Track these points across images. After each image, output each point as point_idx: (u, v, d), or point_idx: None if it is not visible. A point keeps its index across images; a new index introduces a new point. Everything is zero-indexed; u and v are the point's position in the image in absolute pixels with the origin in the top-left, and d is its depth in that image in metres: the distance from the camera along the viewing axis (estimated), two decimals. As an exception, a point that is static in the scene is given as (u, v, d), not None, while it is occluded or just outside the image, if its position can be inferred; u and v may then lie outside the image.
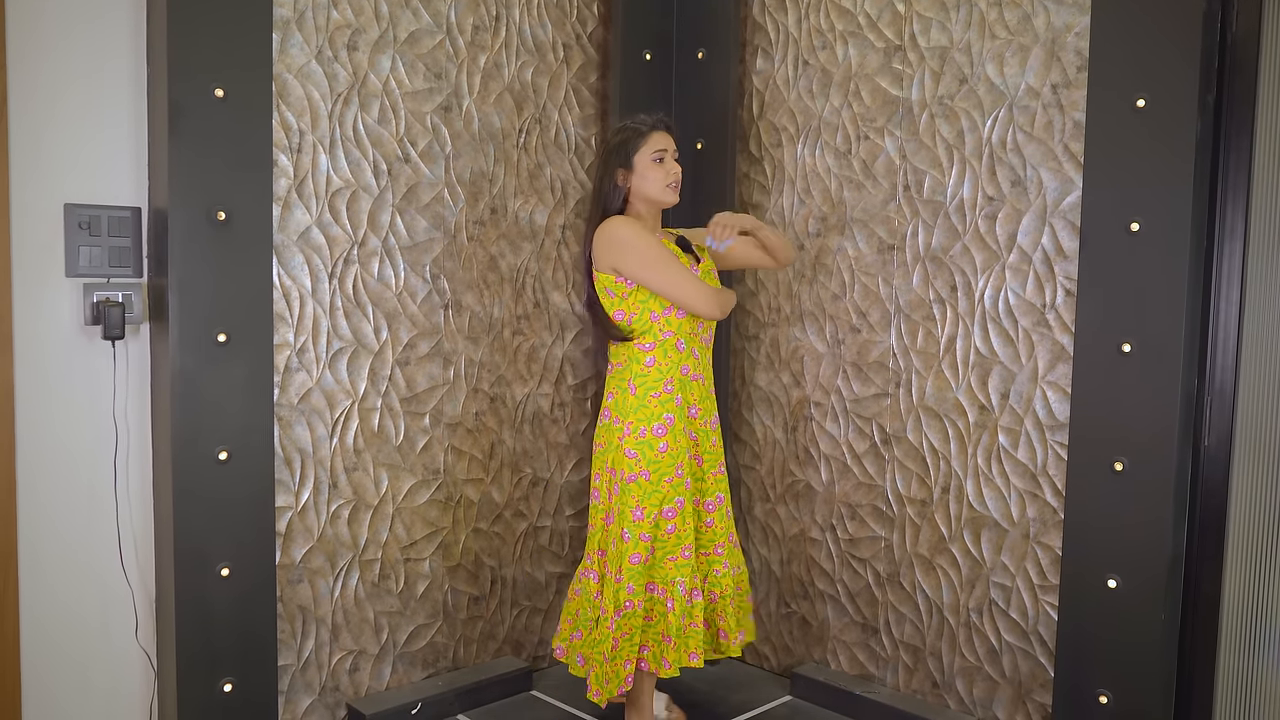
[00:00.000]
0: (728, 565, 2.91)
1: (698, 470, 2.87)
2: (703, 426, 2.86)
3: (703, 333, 2.85)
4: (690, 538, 2.80)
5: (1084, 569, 2.67)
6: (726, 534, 2.91)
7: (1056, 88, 2.73)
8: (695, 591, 2.80)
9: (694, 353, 2.82)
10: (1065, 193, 2.73)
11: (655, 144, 2.78)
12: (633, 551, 2.75)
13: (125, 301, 2.59)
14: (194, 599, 2.63)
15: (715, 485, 2.90)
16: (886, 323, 3.12)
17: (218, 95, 2.59)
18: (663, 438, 2.75)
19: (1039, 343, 2.80)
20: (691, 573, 2.80)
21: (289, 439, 2.86)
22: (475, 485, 3.29)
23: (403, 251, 3.05)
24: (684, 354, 2.79)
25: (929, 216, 3.01)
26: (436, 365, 3.15)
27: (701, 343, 2.85)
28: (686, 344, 2.79)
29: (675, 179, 2.79)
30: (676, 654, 2.78)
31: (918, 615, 3.11)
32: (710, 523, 2.90)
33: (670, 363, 2.78)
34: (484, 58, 3.19)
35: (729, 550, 2.92)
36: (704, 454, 2.87)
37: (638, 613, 2.77)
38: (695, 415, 2.84)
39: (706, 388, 2.87)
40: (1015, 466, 2.86)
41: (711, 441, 2.88)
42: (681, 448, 2.78)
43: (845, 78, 3.18)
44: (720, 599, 2.92)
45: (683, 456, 2.78)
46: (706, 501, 2.89)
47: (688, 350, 2.80)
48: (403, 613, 3.15)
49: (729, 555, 2.92)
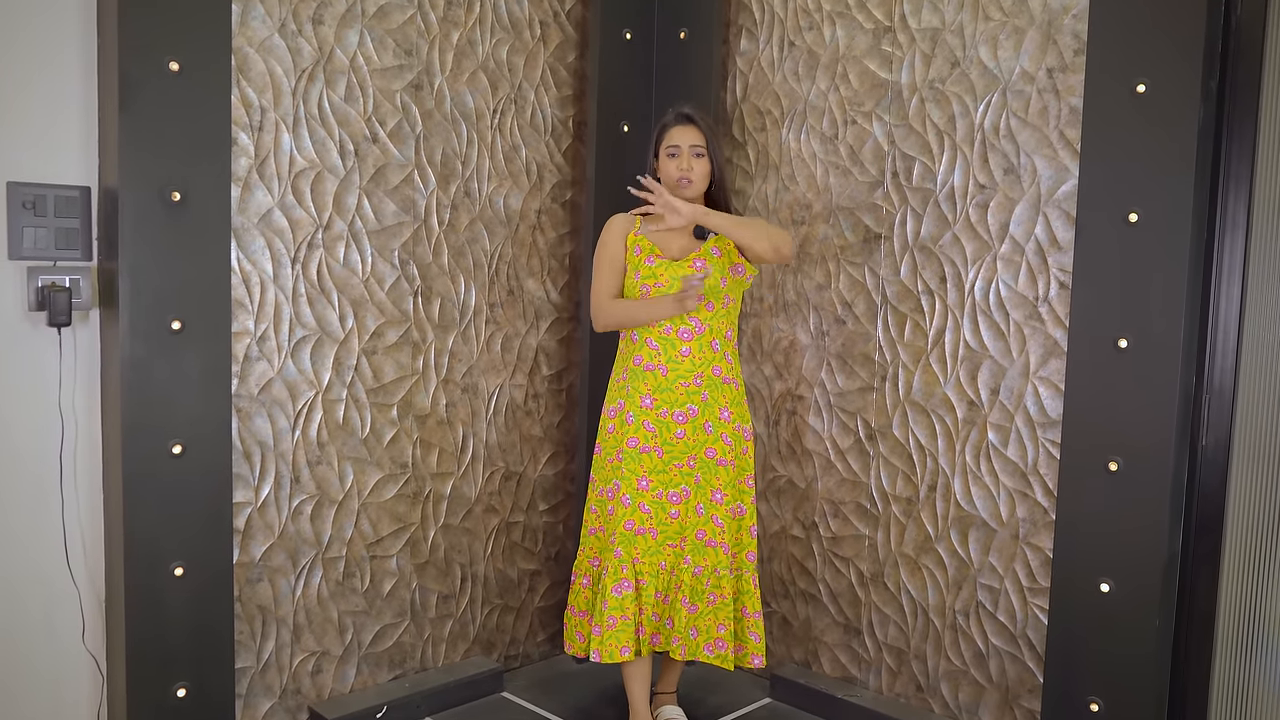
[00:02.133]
0: (689, 562, 2.77)
1: (654, 462, 2.77)
2: (661, 418, 2.76)
3: (671, 324, 2.75)
4: (618, 524, 2.77)
5: (1075, 572, 2.58)
6: (695, 530, 2.79)
7: (1052, 72, 2.63)
8: (624, 583, 2.75)
9: (649, 343, 2.77)
10: (1060, 181, 2.63)
11: (671, 138, 2.80)
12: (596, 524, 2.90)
13: (73, 286, 2.45)
14: (145, 599, 2.51)
15: (680, 478, 2.77)
16: (873, 314, 3.02)
17: (173, 69, 2.45)
18: (611, 419, 2.85)
19: (1031, 337, 2.70)
20: (615, 559, 2.76)
21: (248, 431, 2.74)
22: (445, 479, 3.17)
23: (370, 236, 2.92)
24: (637, 345, 2.80)
25: (918, 204, 2.90)
26: (405, 355, 3.03)
27: (661, 333, 2.76)
28: (640, 335, 2.80)
29: (685, 173, 2.76)
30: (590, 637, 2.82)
31: (902, 617, 3.01)
32: (674, 514, 2.78)
33: (624, 353, 2.86)
34: (457, 34, 3.05)
35: (698, 549, 2.78)
36: (664, 445, 2.76)
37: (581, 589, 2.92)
38: (649, 406, 2.76)
39: (671, 380, 2.76)
40: (1005, 465, 2.77)
41: (675, 433, 2.76)
42: (623, 434, 2.79)
43: (833, 60, 3.07)
44: (671, 598, 2.80)
45: (622, 444, 2.79)
46: (670, 493, 2.78)
47: (641, 341, 2.79)
48: (368, 612, 3.03)
49: (698, 555, 2.79)
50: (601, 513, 2.87)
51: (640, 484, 2.76)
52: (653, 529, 2.76)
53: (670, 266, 2.76)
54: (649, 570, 2.78)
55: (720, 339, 2.79)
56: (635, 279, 2.79)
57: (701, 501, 2.79)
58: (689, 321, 2.75)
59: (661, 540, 2.78)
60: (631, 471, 2.77)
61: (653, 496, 2.76)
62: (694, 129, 2.78)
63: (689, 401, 2.76)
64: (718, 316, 2.78)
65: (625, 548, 2.75)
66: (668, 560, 2.79)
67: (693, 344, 2.75)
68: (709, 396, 2.76)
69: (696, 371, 2.76)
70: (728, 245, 2.81)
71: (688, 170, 2.76)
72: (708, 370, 2.77)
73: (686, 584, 2.77)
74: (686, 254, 2.81)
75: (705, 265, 2.75)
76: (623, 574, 2.75)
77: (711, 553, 2.78)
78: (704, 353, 2.77)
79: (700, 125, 2.78)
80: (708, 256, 2.79)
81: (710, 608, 2.79)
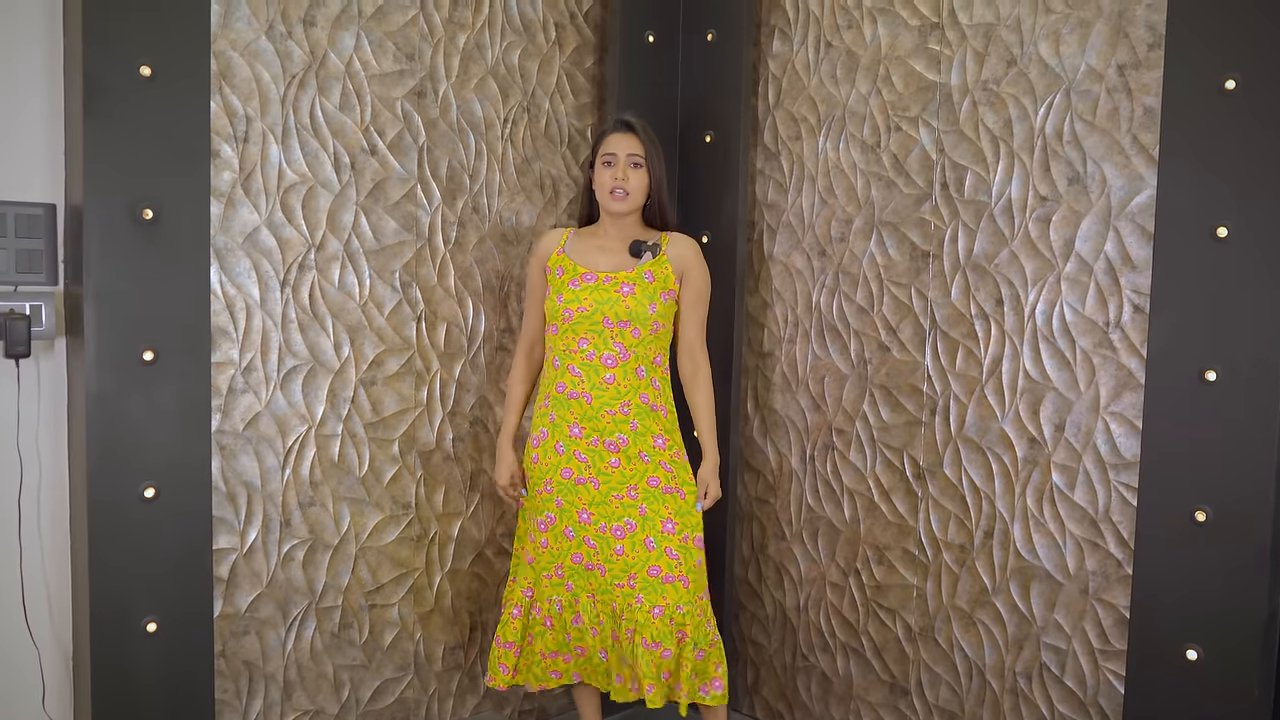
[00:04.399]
0: (642, 601, 2.52)
1: (592, 494, 2.58)
2: (592, 447, 2.58)
3: (594, 349, 2.58)
4: (563, 558, 2.63)
5: (1157, 635, 2.28)
6: (646, 567, 2.53)
7: (1124, 69, 2.34)
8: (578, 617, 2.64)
9: (571, 369, 2.61)
10: (1134, 191, 2.34)
11: (608, 146, 2.65)
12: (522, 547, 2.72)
13: (33, 314, 2.22)
14: (112, 659, 2.28)
15: (623, 510, 2.56)
16: (921, 341, 2.73)
17: (144, 74, 2.24)
18: (536, 449, 2.67)
19: (1101, 367, 2.41)
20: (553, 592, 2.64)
21: (232, 471, 2.50)
22: (452, 520, 2.91)
23: (368, 256, 2.68)
24: (559, 371, 2.64)
25: (970, 219, 2.62)
26: (407, 385, 2.78)
27: (584, 360, 2.59)
28: (562, 361, 2.63)
29: (619, 184, 2.63)
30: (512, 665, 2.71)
31: (955, 677, 2.71)
32: (620, 550, 2.56)
33: (547, 378, 2.69)
34: (464, 37, 2.81)
35: (652, 587, 2.52)
36: (599, 475, 2.58)
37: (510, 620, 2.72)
38: (578, 435, 2.59)
39: (597, 408, 2.57)
40: (1072, 510, 2.47)
41: (609, 463, 2.57)
42: (552, 465, 2.62)
43: (874, 61, 2.80)
44: (629, 639, 2.55)
45: (553, 474, 2.61)
46: (614, 527, 2.57)
47: (563, 368, 2.63)
48: (367, 666, 2.78)
49: (653, 594, 2.52)
50: (537, 544, 2.66)
51: (581, 516, 2.60)
52: (600, 565, 2.58)
53: (596, 290, 2.59)
54: (605, 612, 2.60)
55: (647, 365, 2.63)
56: (558, 302, 2.61)
57: (651, 535, 2.56)
58: (613, 347, 2.58)
59: (609, 580, 2.57)
60: (570, 504, 2.61)
61: (596, 531, 2.58)
62: (633, 137, 2.63)
63: (617, 430, 2.58)
64: (644, 343, 2.61)
65: (576, 580, 2.62)
66: (617, 602, 2.56)
67: (617, 370, 2.58)
68: (639, 425, 2.58)
69: (623, 400, 2.58)
70: (663, 270, 2.64)
71: (622, 180, 2.62)
72: (634, 398, 2.59)
73: (644, 624, 2.51)
74: (617, 272, 2.62)
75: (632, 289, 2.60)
76: (576, 607, 2.64)
77: (671, 590, 2.53)
78: (629, 379, 2.59)
79: (639, 134, 2.64)
80: (639, 281, 2.61)
81: (679, 648, 2.54)
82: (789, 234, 3.01)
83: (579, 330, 2.59)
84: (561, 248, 2.69)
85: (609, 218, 2.68)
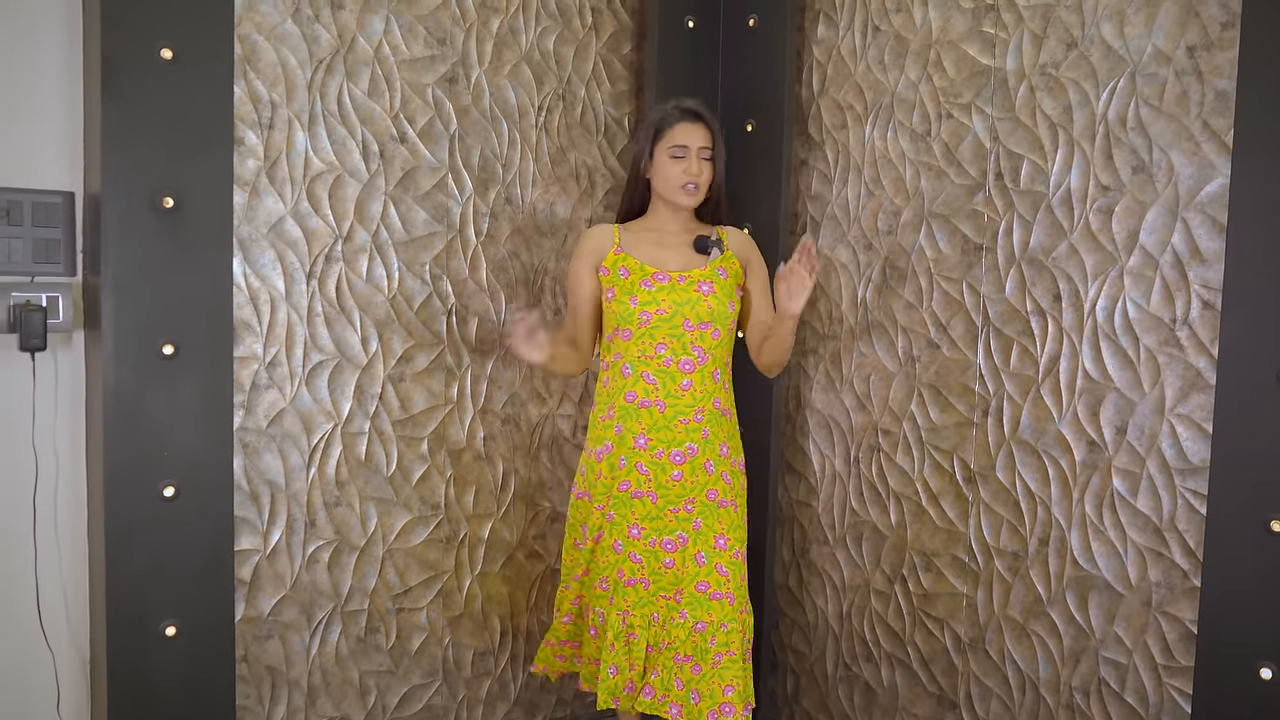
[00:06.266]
0: (686, 617, 2.43)
1: (648, 508, 2.48)
2: (656, 459, 2.48)
3: (671, 354, 2.47)
4: (608, 571, 2.52)
5: (1227, 651, 2.14)
6: (694, 582, 2.45)
7: (1194, 50, 2.21)
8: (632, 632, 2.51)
9: (645, 376, 2.48)
10: (1204, 180, 2.20)
11: (676, 137, 2.50)
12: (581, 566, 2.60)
13: (50, 305, 2.15)
14: (129, 664, 2.22)
15: (676, 524, 2.48)
16: (973, 338, 2.61)
17: (165, 57, 2.17)
18: (599, 464, 2.54)
19: (1167, 366, 2.27)
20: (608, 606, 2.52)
21: (255, 470, 2.42)
22: (483, 522, 2.82)
23: (397, 248, 2.60)
24: (629, 379, 2.50)
25: (1026, 210, 2.49)
26: (437, 382, 2.70)
27: (661, 366, 2.47)
28: (634, 368, 2.50)
29: (693, 179, 2.50)
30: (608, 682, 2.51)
31: (1007, 691, 2.59)
32: (669, 564, 2.48)
33: (615, 388, 2.54)
34: (497, 21, 2.72)
35: (699, 603, 2.43)
36: (658, 489, 2.48)
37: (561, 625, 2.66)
38: (643, 447, 2.47)
39: (670, 416, 2.47)
40: (1134, 517, 2.34)
41: (671, 475, 2.48)
42: (613, 478, 2.52)
43: (924, 45, 2.67)
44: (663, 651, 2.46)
45: (611, 488, 2.51)
46: (665, 540, 2.48)
47: (635, 375, 2.50)
48: (394, 672, 2.70)
49: (698, 609, 2.43)
50: (586, 558, 2.59)
51: (631, 532, 2.50)
52: (644, 579, 2.48)
53: (673, 291, 2.48)
54: (640, 623, 2.50)
55: (721, 368, 2.56)
56: (631, 305, 2.49)
57: (703, 550, 2.46)
58: (692, 351, 2.47)
59: (654, 591, 2.48)
60: (622, 517, 2.51)
61: (645, 545, 2.48)
62: (703, 128, 2.52)
63: (688, 440, 2.48)
64: (722, 344, 2.52)
65: (619, 597, 2.51)
66: (659, 613, 2.48)
67: (694, 375, 2.48)
68: (710, 433, 2.49)
69: (698, 406, 2.48)
70: (732, 265, 2.56)
71: (696, 175, 2.50)
72: (709, 404, 2.50)
73: (684, 640, 2.43)
74: (690, 271, 2.52)
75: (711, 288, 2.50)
76: (620, 627, 2.51)
77: (717, 606, 2.44)
78: (705, 384, 2.50)
79: (709, 124, 2.53)
80: (716, 279, 2.51)
81: (715, 669, 2.43)
82: (834, 226, 2.90)
83: (656, 335, 2.48)
84: (618, 245, 2.56)
85: (669, 212, 2.57)
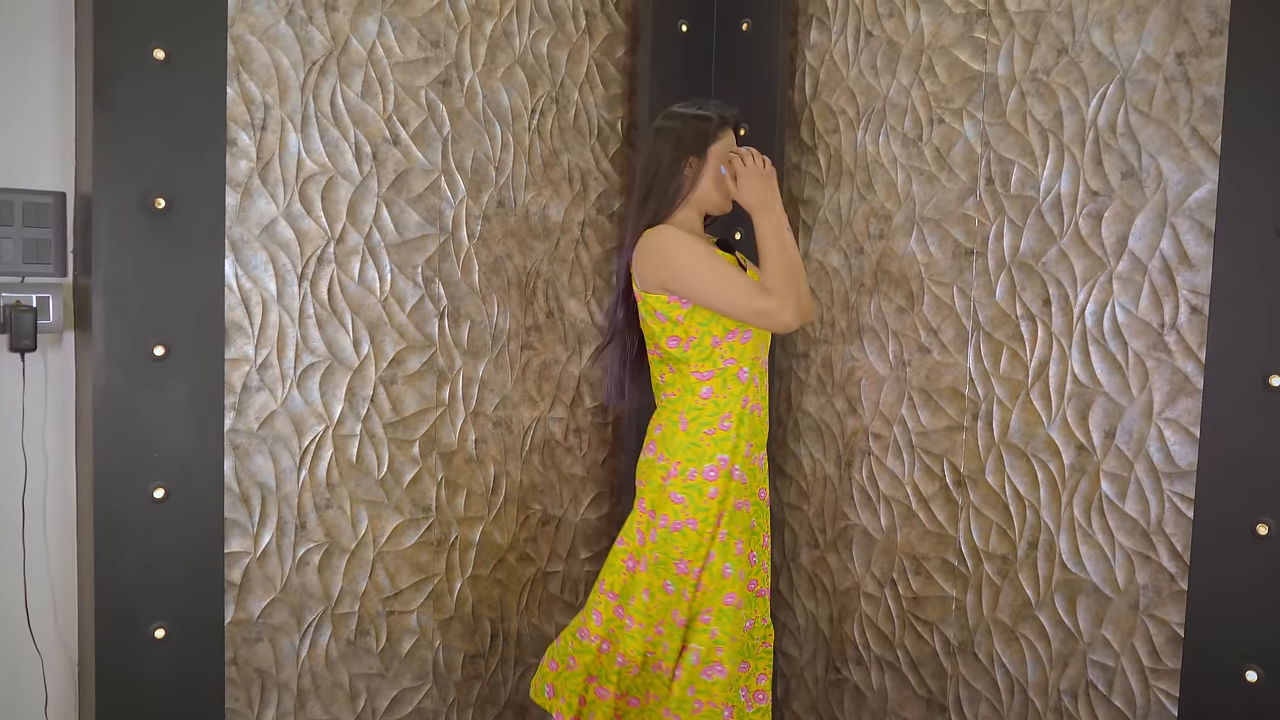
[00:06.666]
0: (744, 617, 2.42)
1: (746, 517, 2.39)
2: (754, 465, 2.41)
3: (764, 354, 2.43)
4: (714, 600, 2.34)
5: (1213, 654, 2.15)
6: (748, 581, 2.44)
7: (1183, 57, 2.22)
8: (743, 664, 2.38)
9: (755, 380, 2.38)
10: (1193, 186, 2.21)
11: (731, 142, 2.42)
12: (674, 606, 2.33)
13: (40, 306, 2.14)
14: (118, 667, 2.20)
15: (760, 532, 2.46)
16: (963, 342, 2.62)
17: (158, 57, 2.16)
18: (714, 482, 2.31)
19: (1155, 370, 2.28)
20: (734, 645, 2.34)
21: (246, 472, 2.41)
22: (474, 525, 2.82)
23: (389, 250, 2.60)
24: (745, 384, 2.36)
25: (1017, 215, 2.50)
26: (429, 384, 2.69)
27: (763, 366, 2.43)
28: (750, 371, 2.37)
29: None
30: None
31: (996, 694, 2.59)
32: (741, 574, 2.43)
33: (730, 395, 2.34)
34: (491, 24, 2.72)
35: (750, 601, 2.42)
36: (749, 496, 2.40)
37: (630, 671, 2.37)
38: (748, 453, 2.38)
39: (763, 418, 2.44)
40: (1122, 521, 2.35)
41: (758, 479, 2.44)
42: (730, 496, 2.34)
43: (916, 50, 2.68)
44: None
45: (728, 508, 2.34)
46: (750, 552, 2.42)
47: (749, 379, 2.37)
48: (384, 675, 2.69)
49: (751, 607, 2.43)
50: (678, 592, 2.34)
51: (737, 547, 2.36)
52: (741, 599, 2.37)
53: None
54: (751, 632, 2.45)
55: None
56: None
57: (755, 549, 2.44)
58: (766, 350, 2.44)
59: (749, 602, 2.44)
60: (730, 535, 2.34)
61: (746, 560, 2.39)
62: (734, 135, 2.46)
63: (764, 439, 2.46)
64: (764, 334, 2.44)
65: (726, 626, 2.32)
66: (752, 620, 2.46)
67: (767, 373, 2.46)
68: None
69: (767, 405, 2.46)
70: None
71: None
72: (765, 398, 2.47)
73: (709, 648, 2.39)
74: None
75: None
76: (737, 657, 2.35)
77: (761, 603, 2.47)
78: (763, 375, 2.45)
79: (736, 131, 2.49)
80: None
81: (756, 662, 2.47)
82: (825, 231, 2.90)
83: (763, 335, 2.41)
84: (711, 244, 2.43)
85: (697, 216, 2.43)
